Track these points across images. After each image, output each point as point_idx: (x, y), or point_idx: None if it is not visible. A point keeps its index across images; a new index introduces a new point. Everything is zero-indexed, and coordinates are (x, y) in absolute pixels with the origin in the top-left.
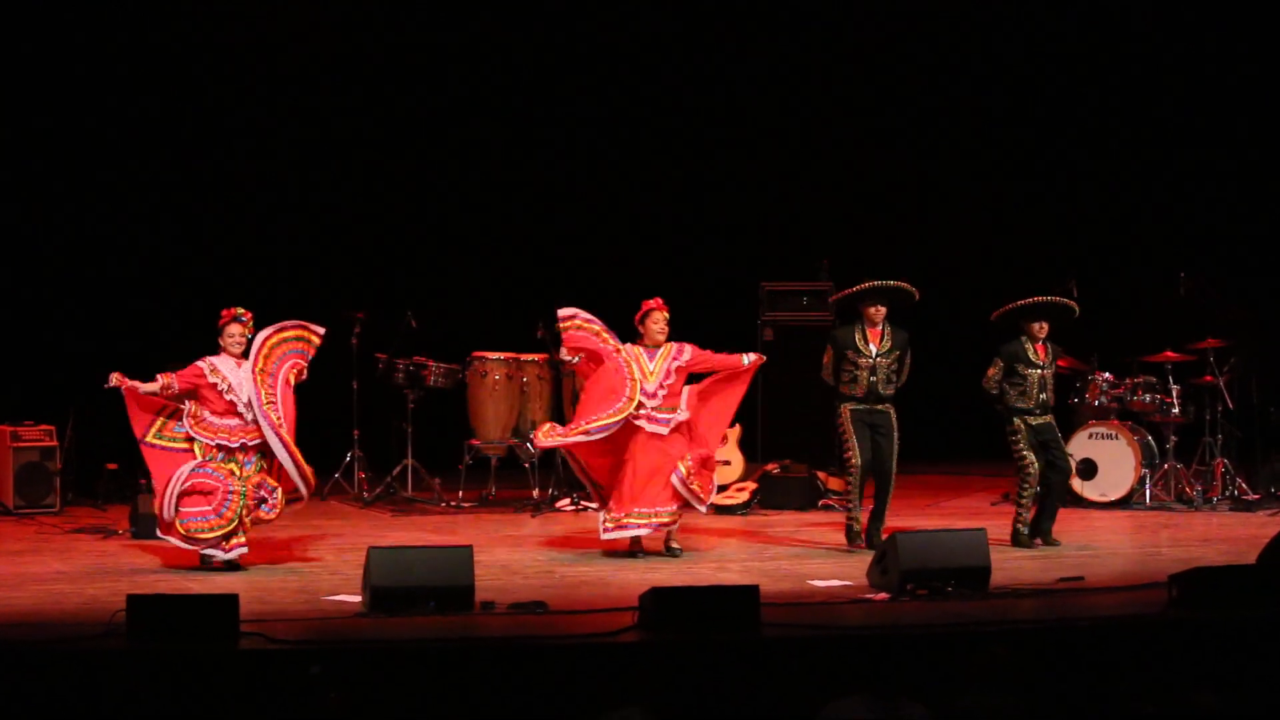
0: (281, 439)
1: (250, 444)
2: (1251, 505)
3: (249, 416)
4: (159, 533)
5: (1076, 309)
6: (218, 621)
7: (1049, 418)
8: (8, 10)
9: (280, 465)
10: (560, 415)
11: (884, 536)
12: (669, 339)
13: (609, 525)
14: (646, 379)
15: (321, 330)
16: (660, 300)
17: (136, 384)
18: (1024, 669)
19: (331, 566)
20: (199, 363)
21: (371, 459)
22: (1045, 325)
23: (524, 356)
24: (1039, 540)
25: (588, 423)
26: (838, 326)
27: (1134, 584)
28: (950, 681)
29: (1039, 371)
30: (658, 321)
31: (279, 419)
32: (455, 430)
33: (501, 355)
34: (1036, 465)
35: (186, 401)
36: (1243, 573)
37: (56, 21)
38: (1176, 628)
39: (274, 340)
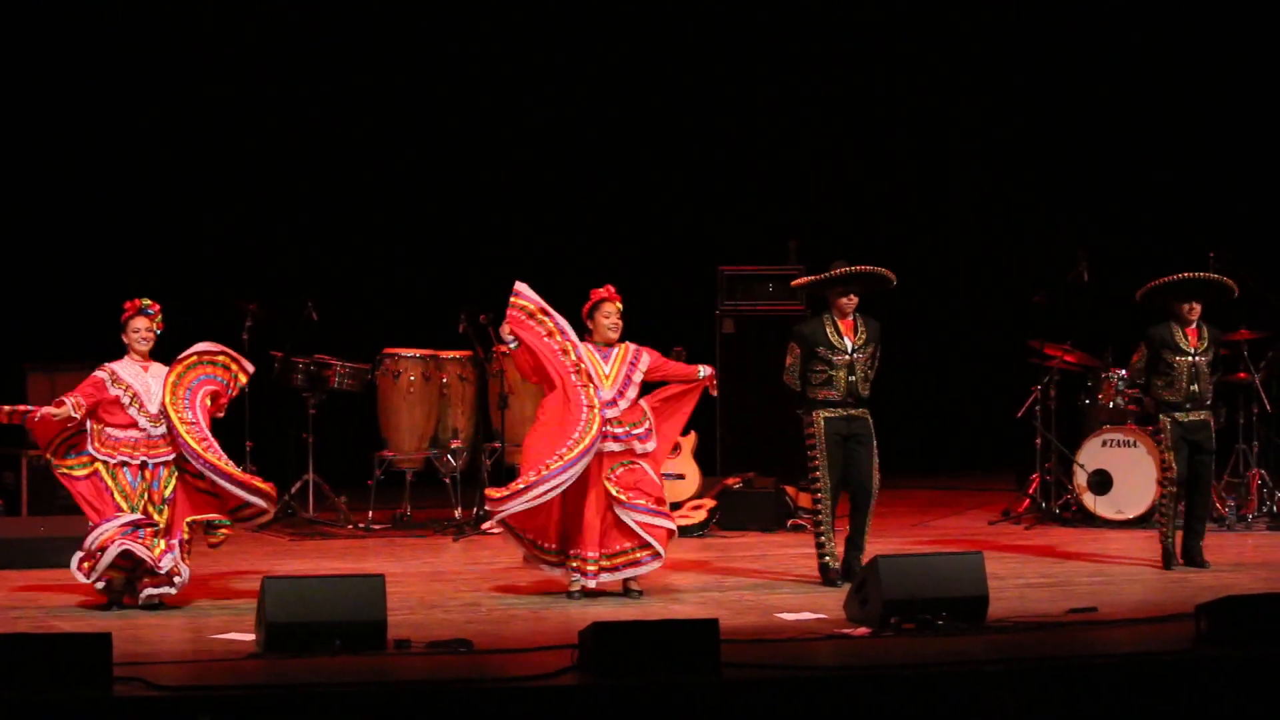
0: (208, 461)
1: (158, 460)
2: None
3: (157, 430)
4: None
5: (1236, 288)
6: (88, 665)
7: (1205, 414)
8: None
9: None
10: (485, 421)
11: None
12: (622, 338)
13: (591, 570)
14: (602, 384)
15: (251, 369)
16: (612, 288)
17: (45, 410)
18: (1028, 715)
19: (220, 600)
20: (98, 372)
21: (266, 474)
22: (1197, 306)
23: (443, 354)
24: (1182, 561)
25: (547, 468)
26: (804, 321)
27: (1156, 616)
28: None
29: (1190, 359)
30: (609, 314)
31: (202, 436)
32: (364, 440)
33: (417, 353)
34: (1178, 471)
35: (88, 420)
36: None
37: None
38: (1206, 666)
39: (199, 360)
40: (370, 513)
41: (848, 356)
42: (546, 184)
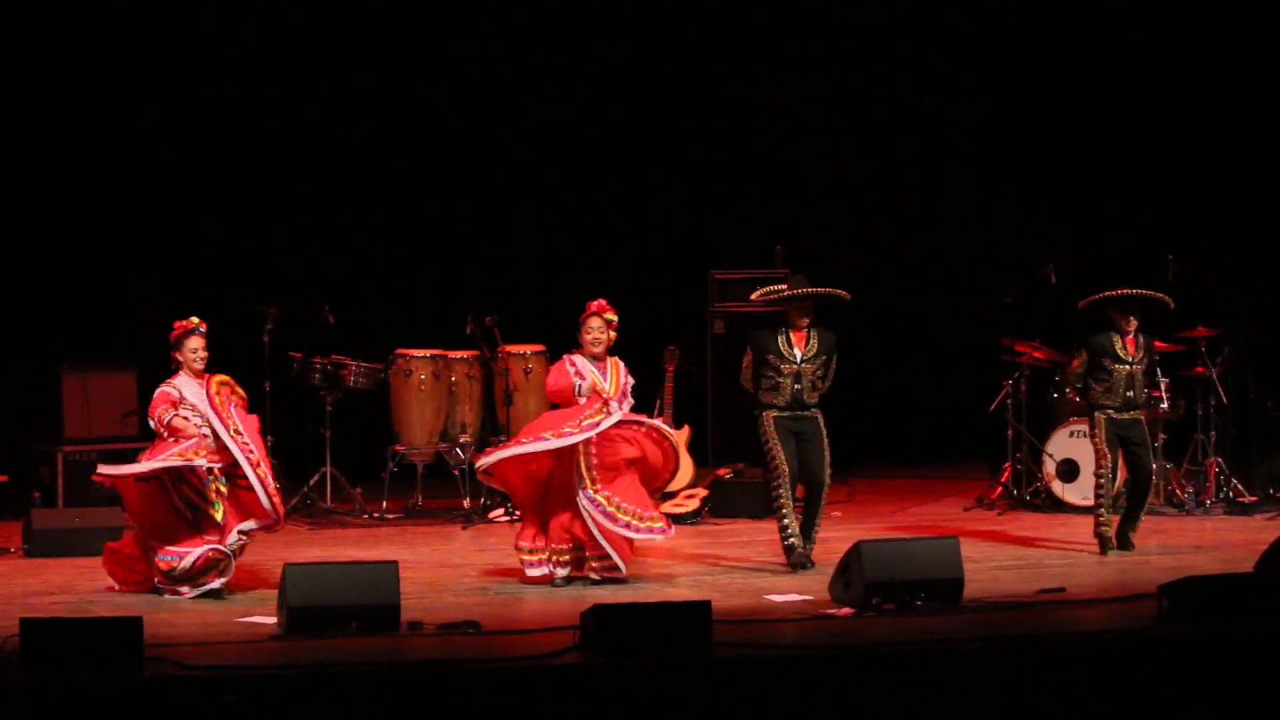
0: (251, 461)
1: (214, 466)
2: (1248, 508)
3: (211, 439)
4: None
5: (1171, 303)
6: (120, 647)
7: (1138, 414)
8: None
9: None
10: (492, 417)
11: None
12: (612, 352)
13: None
14: (603, 389)
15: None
16: (603, 302)
17: (182, 445)
18: (1001, 689)
19: (244, 585)
20: (166, 390)
21: (286, 468)
22: (1135, 320)
23: (452, 354)
24: (1116, 545)
25: (538, 438)
26: (760, 329)
27: (1120, 595)
28: (922, 704)
29: (1128, 368)
30: (591, 329)
31: (246, 441)
32: (377, 435)
33: (427, 353)
34: (1111, 463)
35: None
36: (1239, 582)
37: None
38: (1167, 643)
39: (228, 390)
40: (384, 503)
41: (795, 366)
42: (548, 191)
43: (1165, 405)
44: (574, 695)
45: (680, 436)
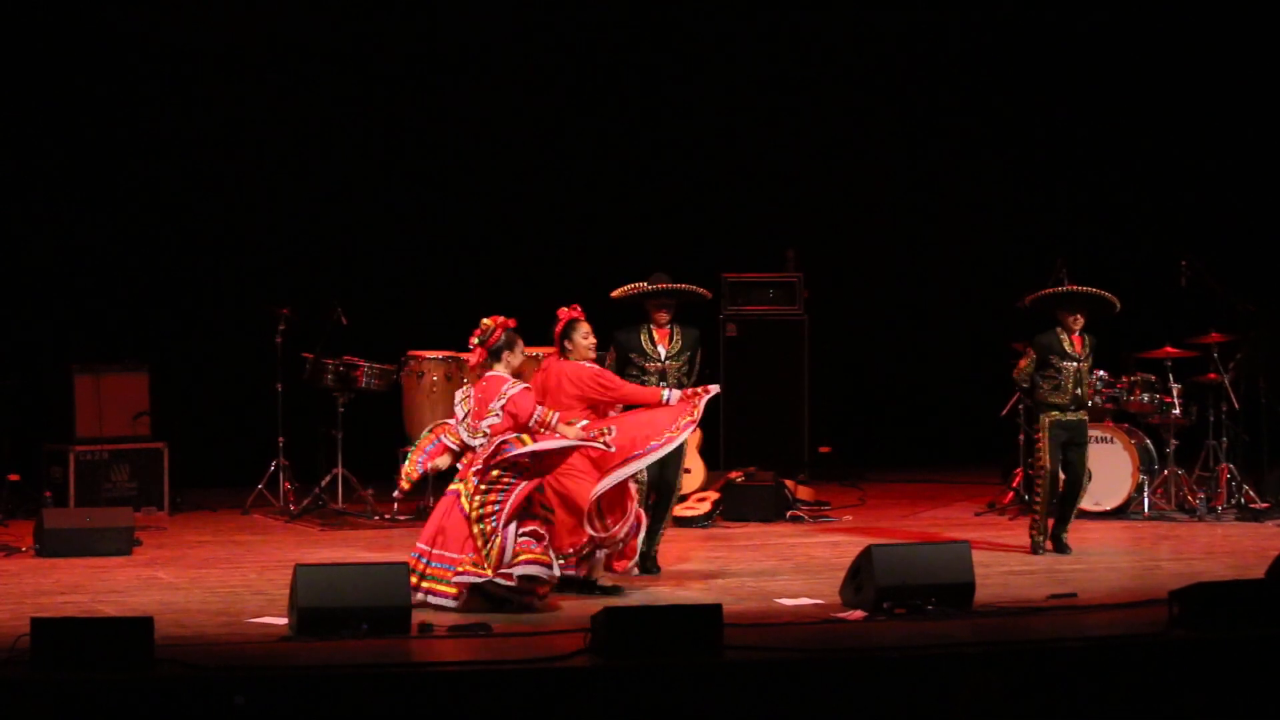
0: None
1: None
2: (1259, 515)
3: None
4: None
5: (1117, 303)
6: (131, 647)
7: (1083, 414)
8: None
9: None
10: None
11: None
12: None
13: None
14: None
15: None
16: (579, 307)
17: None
18: (1012, 695)
19: (255, 586)
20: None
21: (298, 468)
22: (1081, 318)
23: (464, 356)
24: (1051, 547)
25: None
26: (623, 328)
27: (1131, 601)
28: (932, 708)
29: (1075, 365)
30: (588, 334)
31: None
32: (389, 436)
33: (439, 354)
34: (1050, 466)
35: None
36: (1249, 588)
37: None
38: (1178, 648)
39: None
40: (395, 504)
41: (660, 364)
42: (560, 193)
43: (1177, 411)
44: (584, 698)
45: (692, 439)
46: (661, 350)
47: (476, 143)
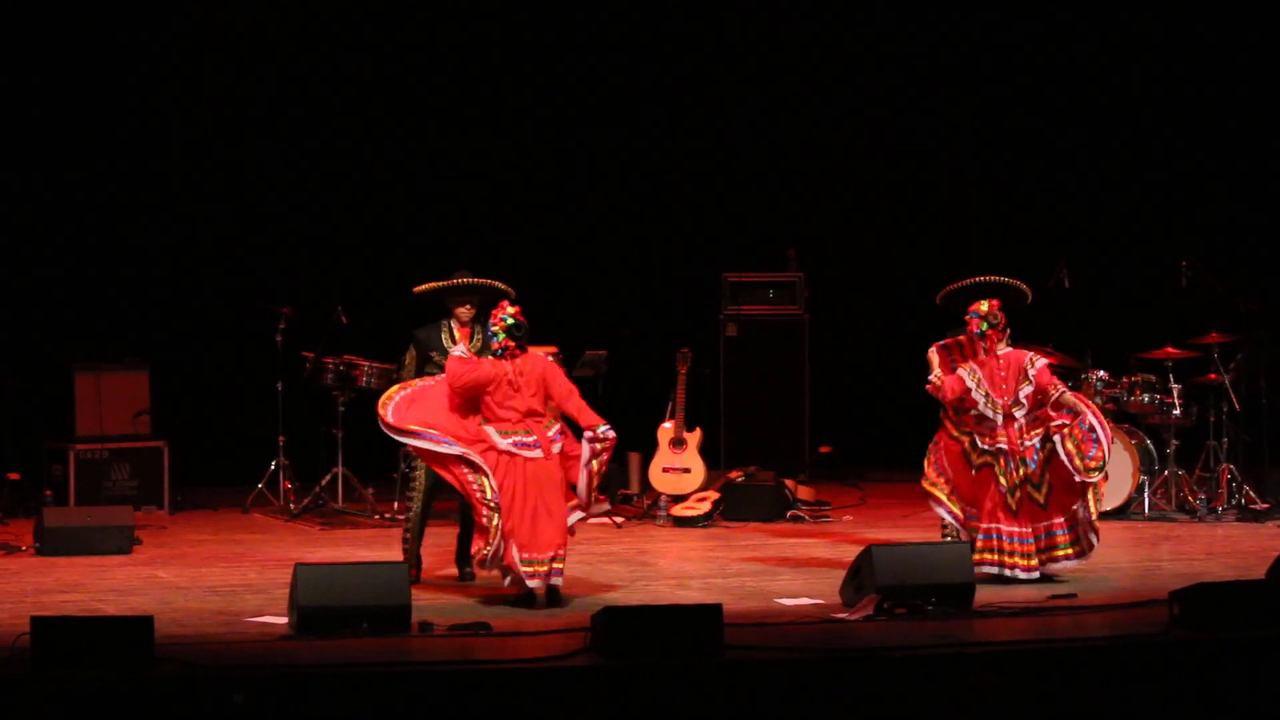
0: None
1: None
2: (1260, 515)
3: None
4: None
5: (1029, 293)
6: (131, 646)
7: None
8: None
9: None
10: None
11: None
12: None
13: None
14: None
15: None
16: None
17: None
18: (1012, 694)
19: (255, 585)
20: None
21: (298, 467)
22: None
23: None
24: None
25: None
26: (422, 326)
27: (1132, 601)
28: (932, 709)
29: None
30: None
31: None
32: (390, 436)
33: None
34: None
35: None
36: (1250, 589)
37: None
38: (1178, 649)
39: None
40: (395, 504)
41: None
42: (561, 193)
43: (1178, 411)
44: (585, 697)
45: (692, 439)
46: (462, 349)
47: (477, 143)
